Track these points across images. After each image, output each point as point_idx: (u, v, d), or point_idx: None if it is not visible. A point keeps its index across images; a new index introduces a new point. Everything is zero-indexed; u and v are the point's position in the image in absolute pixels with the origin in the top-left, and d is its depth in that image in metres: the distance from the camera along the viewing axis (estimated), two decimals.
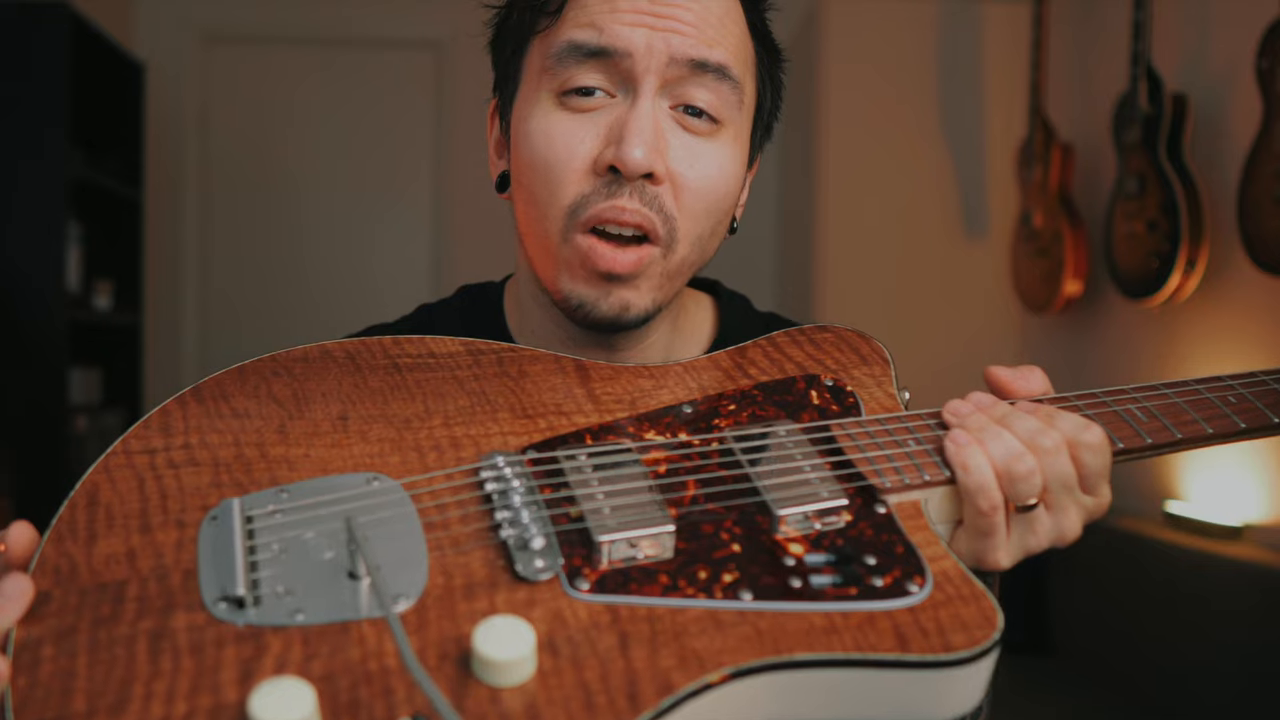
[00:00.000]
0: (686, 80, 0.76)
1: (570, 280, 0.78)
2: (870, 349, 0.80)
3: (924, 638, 0.56)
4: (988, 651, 0.56)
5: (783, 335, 0.81)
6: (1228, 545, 2.34)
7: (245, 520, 0.59)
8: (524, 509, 0.61)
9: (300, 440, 0.64)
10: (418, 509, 0.61)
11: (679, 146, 0.77)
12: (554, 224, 0.77)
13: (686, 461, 0.67)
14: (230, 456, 0.62)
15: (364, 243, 4.07)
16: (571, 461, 0.65)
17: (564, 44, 0.76)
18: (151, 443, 0.63)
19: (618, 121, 0.76)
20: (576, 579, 0.58)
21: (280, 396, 0.67)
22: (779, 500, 0.64)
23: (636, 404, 0.72)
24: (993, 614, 0.58)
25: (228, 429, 0.64)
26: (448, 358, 0.73)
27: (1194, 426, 0.75)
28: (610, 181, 0.76)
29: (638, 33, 0.74)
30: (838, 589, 0.59)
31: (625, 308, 0.78)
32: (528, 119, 0.79)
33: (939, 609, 0.58)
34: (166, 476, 0.61)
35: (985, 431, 0.68)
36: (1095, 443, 0.68)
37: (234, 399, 0.66)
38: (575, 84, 0.76)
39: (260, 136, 4.05)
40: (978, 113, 3.52)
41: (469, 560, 0.58)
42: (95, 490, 0.59)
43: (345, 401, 0.67)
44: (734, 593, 0.58)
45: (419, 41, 4.04)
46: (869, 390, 0.76)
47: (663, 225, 0.77)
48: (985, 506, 0.66)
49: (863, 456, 0.69)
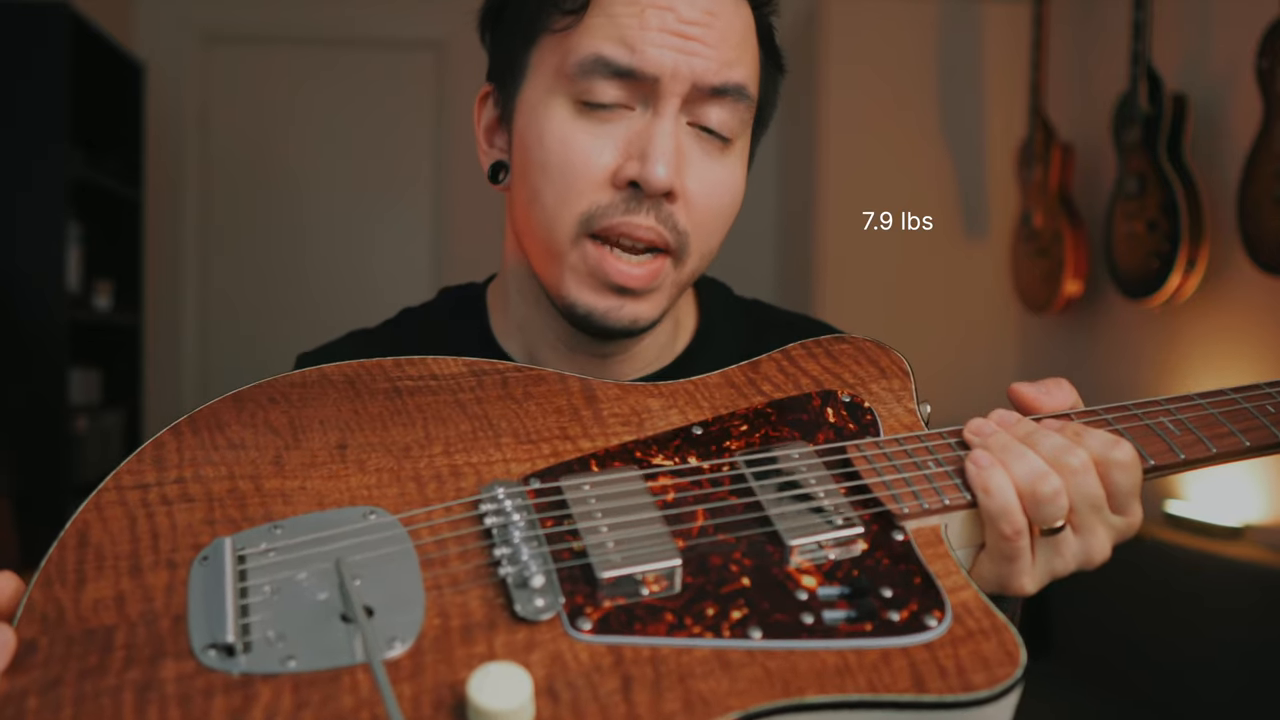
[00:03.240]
0: (705, 101, 0.77)
1: (578, 288, 0.78)
2: (890, 361, 0.77)
3: (942, 677, 0.54)
4: (1009, 690, 0.54)
5: (798, 348, 0.78)
6: (1228, 545, 2.34)
7: (237, 560, 0.57)
8: (523, 545, 0.59)
9: (296, 472, 0.63)
10: (415, 545, 0.60)
11: (694, 164, 0.77)
12: (563, 228, 0.77)
13: (695, 489, 0.65)
14: (224, 491, 0.61)
15: (364, 243, 4.07)
16: (575, 492, 0.64)
17: (591, 57, 0.75)
18: (145, 477, 0.62)
19: (638, 136, 0.75)
20: (578, 619, 0.56)
21: (277, 425, 0.65)
22: (791, 529, 0.62)
23: (644, 426, 0.70)
24: (1015, 649, 0.56)
25: (222, 461, 0.63)
26: (450, 379, 0.71)
27: (1230, 440, 0.71)
28: (629, 197, 0.76)
29: (666, 55, 0.74)
30: (851, 625, 0.57)
31: (635, 320, 0.79)
32: (540, 120, 0.77)
33: (958, 645, 0.56)
34: (159, 514, 0.60)
35: (1008, 451, 0.65)
36: (1126, 460, 0.66)
37: (230, 428, 0.65)
38: (597, 97, 0.76)
39: (260, 136, 4.05)
40: (978, 113, 3.52)
41: (467, 600, 0.57)
42: (86, 529, 0.58)
43: (344, 429, 0.66)
44: (743, 630, 0.56)
45: (419, 41, 4.04)
46: (888, 406, 0.74)
47: (675, 241, 0.77)
48: (1009, 531, 0.64)
49: (879, 481, 0.67)
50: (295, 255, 4.06)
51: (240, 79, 4.03)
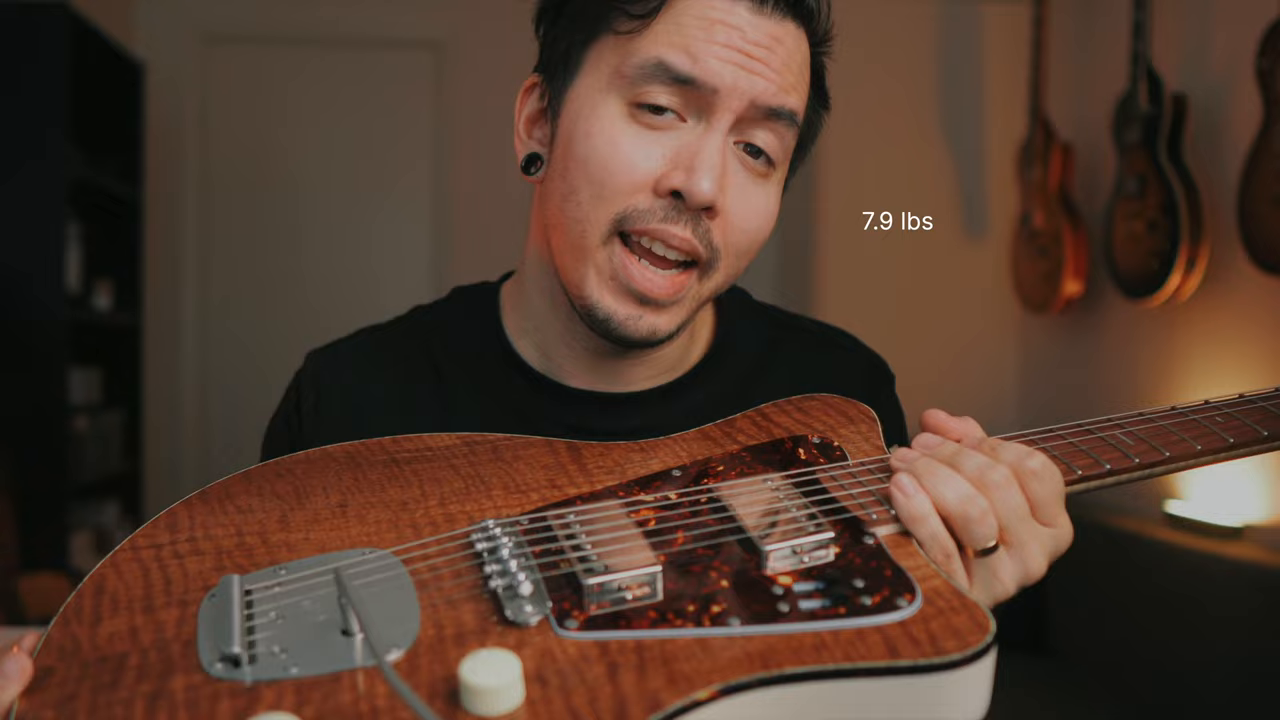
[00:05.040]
0: (758, 123, 0.77)
1: (599, 290, 0.78)
2: (857, 410, 0.81)
3: (915, 645, 0.56)
4: (981, 654, 0.56)
5: (770, 406, 0.83)
6: (1228, 545, 2.34)
7: (244, 594, 0.61)
8: (512, 560, 0.62)
9: (301, 527, 0.68)
10: (409, 570, 0.63)
11: (736, 186, 0.78)
12: (595, 226, 0.77)
13: (675, 515, 0.68)
14: (233, 545, 0.66)
15: (363, 242, 4.07)
16: (560, 520, 0.67)
17: (653, 61, 0.75)
18: (158, 539, 0.66)
19: (687, 148, 0.76)
20: (565, 620, 0.59)
21: (282, 493, 0.71)
22: (765, 537, 0.64)
23: (627, 473, 0.74)
24: (985, 620, 0.58)
25: (231, 523, 0.68)
26: (444, 450, 0.76)
27: (1182, 445, 0.75)
28: (669, 205, 0.76)
29: (727, 69, 0.75)
30: (827, 610, 0.59)
31: (653, 332, 0.79)
32: (591, 118, 0.77)
33: (930, 621, 0.58)
34: (171, 565, 0.64)
35: (935, 475, 0.67)
36: (1039, 468, 0.68)
37: (239, 498, 0.70)
38: (652, 101, 0.76)
39: (260, 136, 4.04)
40: (978, 113, 3.52)
41: (460, 613, 0.60)
42: (102, 581, 0.63)
43: (344, 492, 0.71)
44: (723, 620, 0.59)
45: (419, 41, 4.03)
46: (857, 445, 0.77)
47: (708, 255, 0.78)
48: (939, 557, 0.66)
49: (847, 494, 0.70)
50: (295, 255, 4.06)
51: (240, 79, 4.03)
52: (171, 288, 3.97)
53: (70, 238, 3.00)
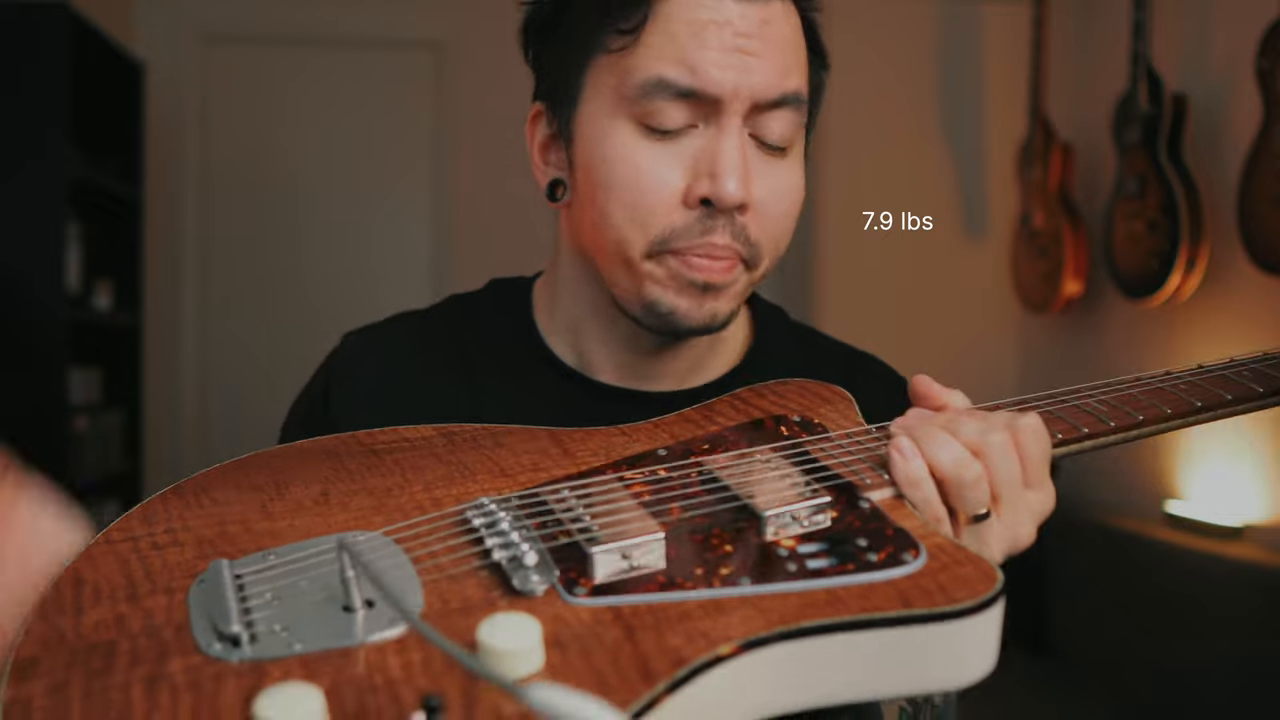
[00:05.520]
0: (764, 114, 0.78)
1: (661, 291, 0.79)
2: (831, 391, 0.83)
3: (926, 595, 0.58)
4: (991, 601, 0.57)
5: (746, 390, 0.84)
6: (1228, 545, 2.34)
7: (235, 577, 0.59)
8: (514, 532, 0.62)
9: (284, 515, 0.66)
10: (403, 548, 0.62)
11: (759, 174, 0.79)
12: (636, 247, 0.78)
13: (667, 488, 0.69)
14: (214, 534, 0.64)
15: (363, 242, 4.07)
16: (555, 495, 0.68)
17: (652, 80, 0.75)
18: (133, 531, 0.64)
19: (705, 153, 0.76)
20: (574, 588, 0.59)
21: (260, 484, 0.69)
22: (763, 504, 0.65)
23: (613, 453, 0.75)
24: (991, 570, 0.59)
25: (210, 514, 0.66)
26: (422, 440, 0.76)
27: (1153, 410, 0.79)
28: (704, 216, 0.77)
29: (727, 75, 0.75)
30: (834, 568, 0.60)
31: (714, 316, 0.81)
32: (604, 142, 0.78)
33: (937, 574, 0.60)
34: (151, 556, 0.62)
35: (933, 439, 0.68)
36: (1033, 424, 0.69)
37: (215, 491, 0.68)
38: (660, 120, 0.76)
39: (260, 136, 4.04)
40: (978, 113, 3.52)
41: (463, 587, 0.59)
42: (79, 573, 0.60)
43: (325, 482, 0.70)
44: (733, 581, 0.59)
45: (419, 41, 4.03)
46: (836, 422, 0.79)
47: (748, 252, 0.79)
48: (931, 521, 0.66)
49: (838, 462, 0.72)
50: (295, 255, 4.06)
51: (240, 79, 4.03)
52: (171, 288, 3.97)
53: (70, 238, 3.00)
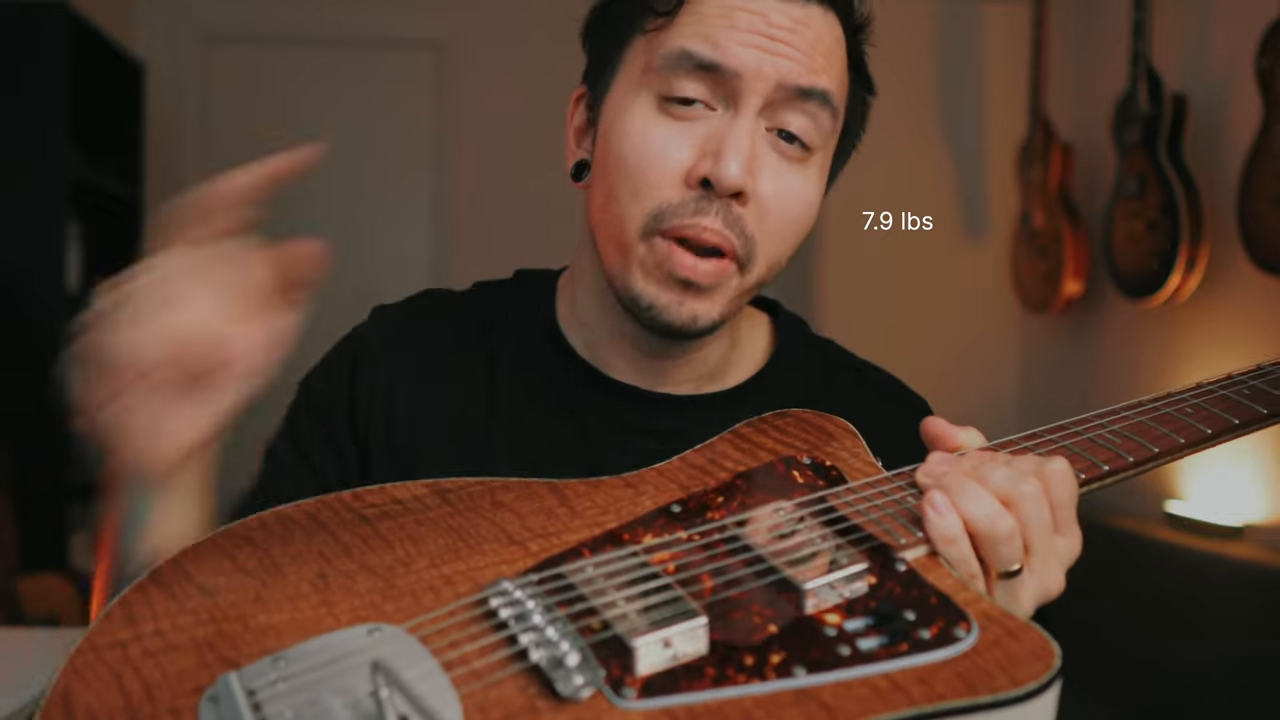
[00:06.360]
0: (788, 105, 0.77)
1: (644, 281, 0.78)
2: (834, 425, 0.79)
3: (989, 679, 0.55)
4: (1055, 679, 0.56)
5: (745, 426, 0.80)
6: (1228, 545, 2.34)
7: (249, 694, 0.52)
8: (548, 627, 0.56)
9: (282, 606, 0.59)
10: (430, 650, 0.56)
11: (769, 170, 0.77)
12: (633, 222, 0.77)
13: (694, 556, 0.65)
14: (210, 634, 0.56)
15: (364, 242, 4.07)
16: (580, 574, 0.61)
17: (676, 51, 0.75)
18: (118, 636, 0.56)
19: (715, 135, 0.76)
20: (621, 689, 0.53)
21: (248, 567, 0.61)
22: (801, 575, 0.61)
23: (622, 512, 0.70)
24: (1046, 643, 0.58)
25: (198, 608, 0.58)
26: (414, 501, 0.69)
27: (1167, 440, 0.75)
28: (700, 196, 0.76)
29: (750, 53, 0.74)
30: (888, 649, 0.57)
31: (694, 318, 0.79)
32: (624, 115, 0.78)
33: (993, 649, 0.57)
34: (145, 667, 0.54)
35: (965, 492, 0.64)
36: (1062, 469, 0.66)
37: (198, 577, 0.60)
38: (679, 92, 0.76)
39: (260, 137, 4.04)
40: (978, 113, 3.52)
41: (501, 692, 0.53)
42: (68, 694, 0.52)
43: (319, 560, 0.62)
44: (787, 671, 0.55)
45: (419, 41, 4.03)
46: (847, 463, 0.75)
47: (742, 247, 0.77)
48: (966, 576, 0.64)
49: (867, 519, 0.67)
50: None
51: (240, 79, 4.03)
52: None
53: (70, 238, 3.00)
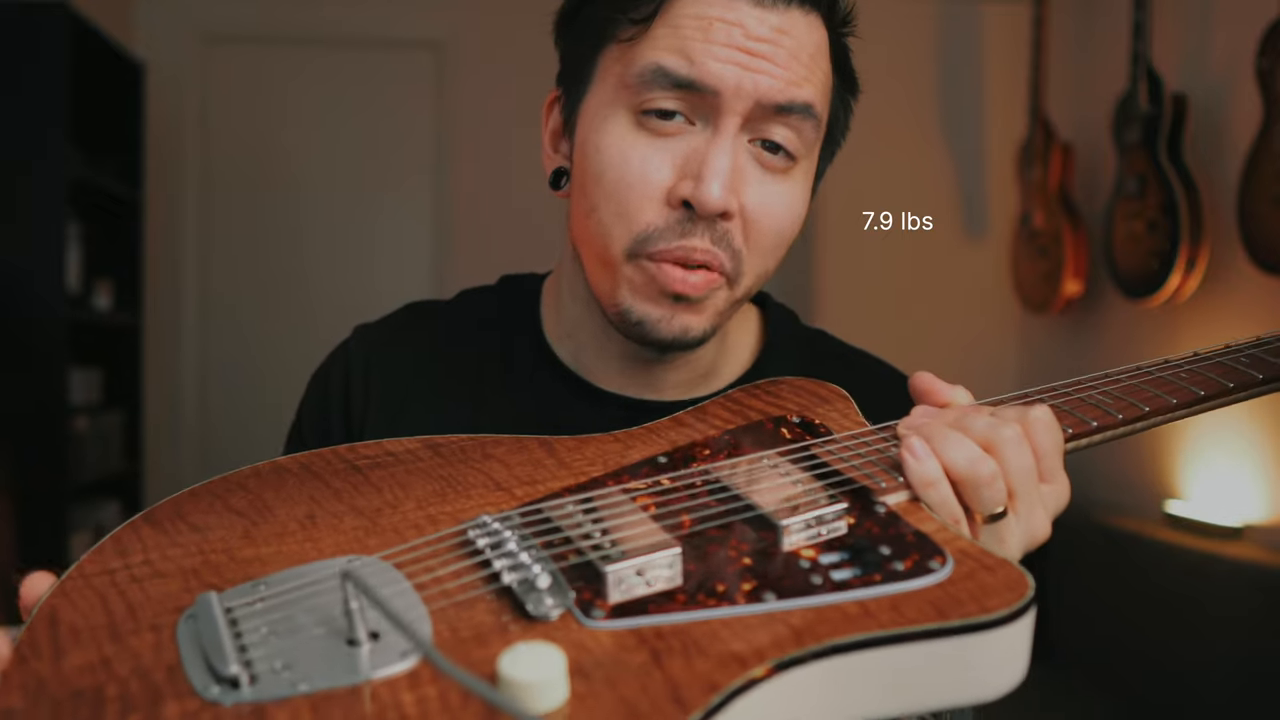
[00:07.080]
0: (769, 119, 0.75)
1: (633, 296, 0.77)
2: (828, 390, 0.80)
3: (959, 605, 0.56)
4: (1026, 608, 0.56)
5: (739, 391, 0.81)
6: (1228, 545, 2.34)
7: (226, 611, 0.55)
8: (523, 553, 0.59)
9: (269, 540, 0.62)
10: (404, 574, 0.58)
11: (753, 184, 0.76)
12: (618, 243, 0.76)
13: (674, 497, 0.66)
14: (197, 564, 0.59)
15: (364, 243, 4.07)
16: (560, 510, 0.64)
17: (651, 67, 0.73)
18: (109, 564, 0.59)
19: (695, 154, 0.74)
20: (591, 610, 0.55)
21: (239, 508, 0.65)
22: (778, 512, 0.63)
23: (609, 462, 0.71)
24: (1021, 576, 0.58)
25: (188, 542, 0.61)
26: (406, 454, 0.71)
27: (1158, 400, 0.76)
28: (684, 218, 0.74)
29: (729, 70, 0.72)
30: (861, 579, 0.58)
31: (685, 330, 0.78)
32: (600, 131, 0.77)
33: (966, 580, 0.58)
34: (131, 590, 0.57)
35: (945, 439, 0.65)
36: (1045, 418, 0.67)
37: (190, 516, 0.64)
38: (656, 106, 0.74)
39: (261, 137, 4.04)
40: (978, 113, 3.52)
41: (473, 613, 0.56)
42: (54, 612, 0.55)
43: (309, 503, 0.65)
44: (758, 597, 0.57)
45: (419, 41, 4.03)
46: (837, 423, 0.76)
47: (730, 261, 0.76)
48: (948, 523, 0.64)
49: (848, 465, 0.69)
50: (295, 255, 4.06)
51: (240, 79, 4.03)
52: (171, 288, 3.97)
53: (70, 238, 3.00)
